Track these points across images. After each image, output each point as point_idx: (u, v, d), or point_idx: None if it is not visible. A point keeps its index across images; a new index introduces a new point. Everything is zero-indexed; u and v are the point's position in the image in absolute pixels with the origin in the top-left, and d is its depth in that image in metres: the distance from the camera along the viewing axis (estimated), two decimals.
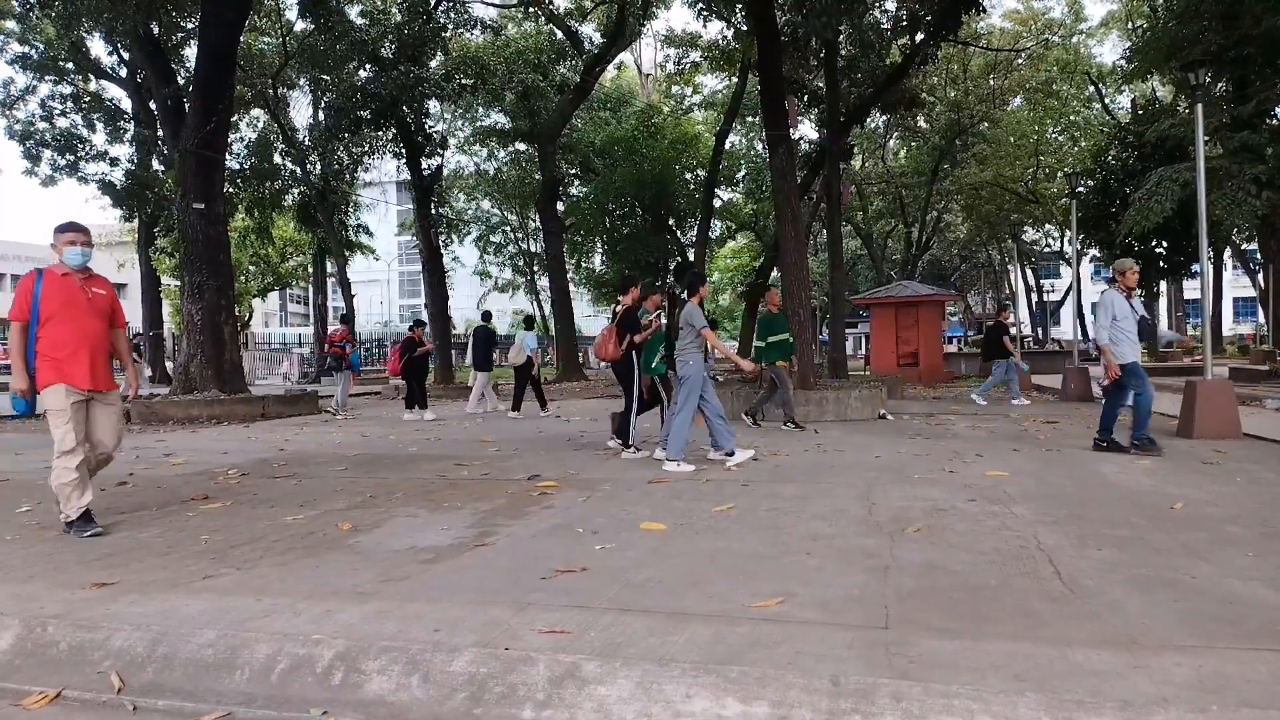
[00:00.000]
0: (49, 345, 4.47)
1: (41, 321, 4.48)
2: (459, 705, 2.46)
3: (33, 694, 2.67)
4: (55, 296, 4.52)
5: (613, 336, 7.42)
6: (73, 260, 4.62)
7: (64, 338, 4.49)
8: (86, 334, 4.56)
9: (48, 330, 4.48)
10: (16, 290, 4.53)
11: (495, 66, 22.72)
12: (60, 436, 4.43)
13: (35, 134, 24.61)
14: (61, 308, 4.51)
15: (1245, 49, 16.03)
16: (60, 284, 4.56)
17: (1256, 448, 7.34)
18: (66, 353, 4.48)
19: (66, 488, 4.45)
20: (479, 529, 4.50)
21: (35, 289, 4.51)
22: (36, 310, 4.49)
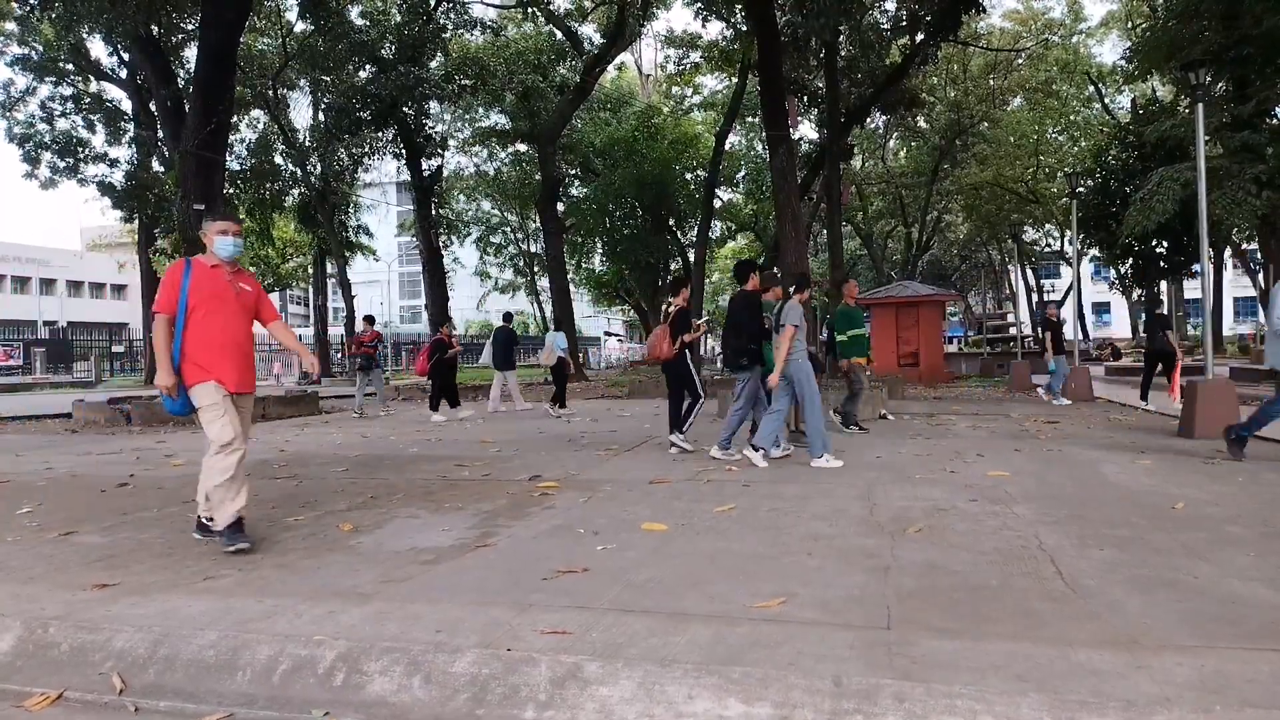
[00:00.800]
0: (195, 343, 4.12)
1: (187, 315, 4.12)
2: (461, 706, 2.46)
3: (34, 695, 2.67)
4: (203, 289, 4.16)
5: (666, 337, 7.61)
6: (224, 252, 4.27)
7: (210, 335, 4.14)
8: (234, 332, 4.22)
9: (193, 326, 4.12)
10: (163, 280, 4.20)
11: (495, 67, 22.74)
12: (218, 430, 4.07)
13: (35, 136, 24.62)
14: (209, 302, 4.16)
15: (1245, 49, 16.04)
16: (209, 276, 4.20)
17: (1257, 448, 7.33)
18: (212, 351, 4.14)
19: (221, 490, 4.06)
20: (480, 530, 4.50)
21: (183, 280, 4.14)
22: (184, 303, 4.12)
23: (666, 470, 6.57)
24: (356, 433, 10.50)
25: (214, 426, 4.09)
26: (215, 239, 4.27)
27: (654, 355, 7.82)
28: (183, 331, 4.11)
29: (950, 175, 31.54)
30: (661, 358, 7.71)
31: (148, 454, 8.50)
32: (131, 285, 48.25)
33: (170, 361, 4.09)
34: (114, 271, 54.30)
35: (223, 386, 4.14)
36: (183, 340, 4.11)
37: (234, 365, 4.19)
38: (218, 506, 4.09)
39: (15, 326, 46.87)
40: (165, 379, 4.08)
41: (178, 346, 4.10)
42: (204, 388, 4.12)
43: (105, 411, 12.74)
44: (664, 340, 7.59)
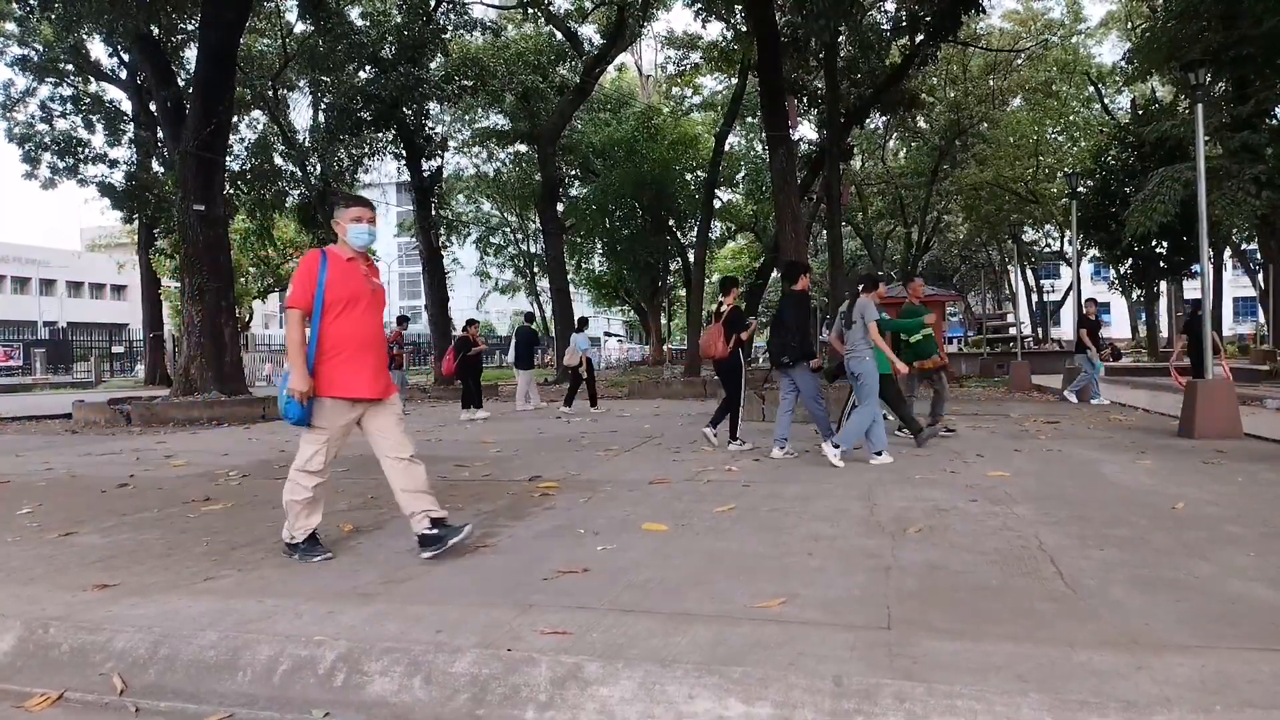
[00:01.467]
0: (331, 344, 3.74)
1: (322, 313, 3.74)
2: (461, 706, 2.46)
3: (35, 696, 2.67)
4: (341, 284, 3.76)
5: (720, 336, 7.73)
6: (359, 241, 3.87)
7: (348, 335, 3.75)
8: (372, 331, 3.86)
9: (330, 325, 3.74)
10: (297, 272, 3.80)
11: (495, 68, 22.73)
12: (309, 455, 3.79)
13: (35, 136, 24.61)
14: (346, 297, 3.77)
15: (1245, 49, 16.03)
16: (345, 269, 3.81)
17: (1257, 447, 7.34)
18: (350, 354, 3.76)
19: (297, 505, 3.83)
20: (480, 530, 4.50)
21: (320, 272, 3.75)
22: (321, 298, 3.73)
23: (666, 470, 6.57)
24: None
25: (309, 449, 3.80)
26: (349, 227, 3.86)
27: (707, 354, 7.95)
28: (316, 331, 3.74)
29: (950, 176, 31.55)
30: (715, 356, 7.85)
31: (147, 454, 8.50)
32: (131, 286, 48.23)
33: (305, 363, 3.70)
34: (114, 272, 54.24)
35: (359, 398, 3.80)
36: (316, 341, 3.74)
37: (375, 369, 3.85)
38: (292, 519, 3.87)
39: (15, 327, 46.88)
40: (300, 382, 3.68)
41: (312, 347, 3.74)
42: (329, 406, 3.77)
43: (105, 412, 12.74)
44: (718, 339, 7.73)
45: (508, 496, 5.54)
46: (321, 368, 3.74)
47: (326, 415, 3.79)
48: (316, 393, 3.74)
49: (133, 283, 42.51)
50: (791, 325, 7.12)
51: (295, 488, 3.84)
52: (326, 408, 3.77)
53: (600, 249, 32.19)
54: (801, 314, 7.27)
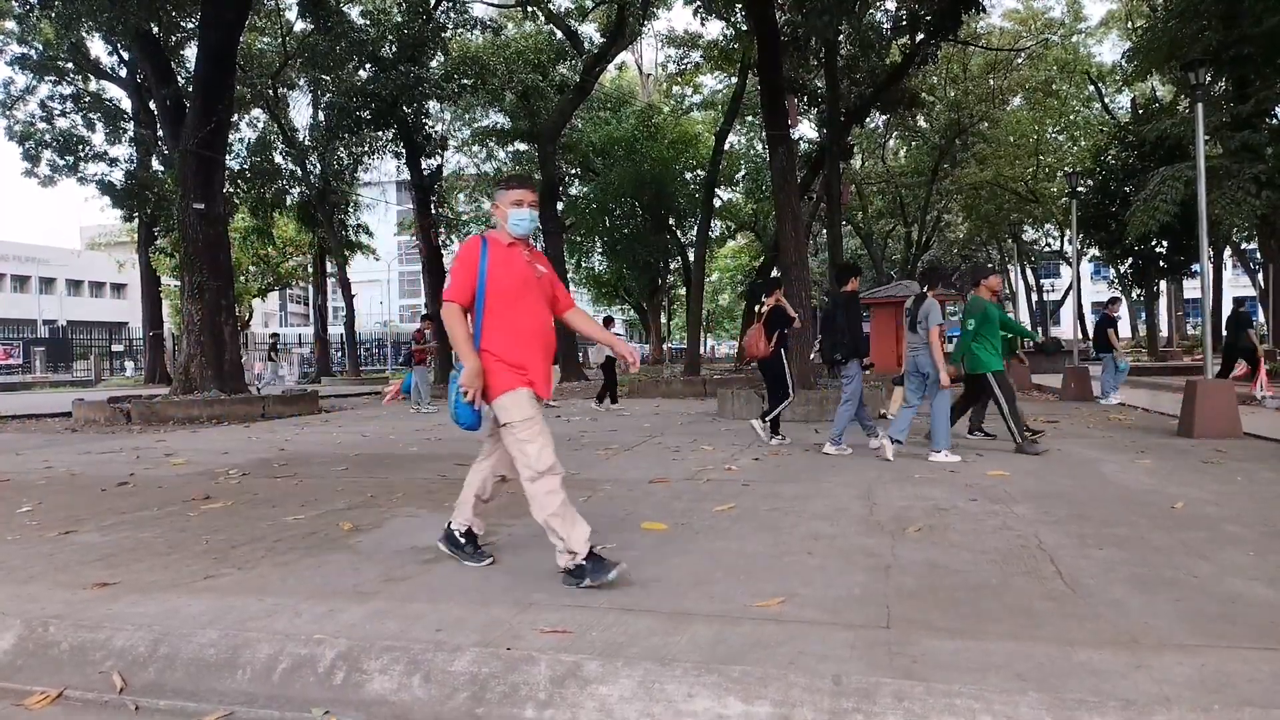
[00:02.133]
0: (498, 340, 3.39)
1: (486, 306, 3.40)
2: (461, 705, 2.47)
3: (35, 694, 2.67)
4: (505, 273, 3.42)
5: (762, 336, 7.96)
6: (520, 228, 3.52)
7: (517, 331, 3.41)
8: (540, 327, 3.50)
9: (494, 319, 3.40)
10: (455, 262, 3.49)
11: (495, 66, 22.71)
12: (536, 452, 3.32)
13: (35, 134, 24.61)
14: (512, 289, 3.42)
15: (1245, 48, 16.03)
16: (507, 257, 3.46)
17: (1257, 447, 7.34)
18: (520, 352, 3.41)
19: (557, 518, 3.33)
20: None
21: (481, 261, 3.42)
22: (483, 290, 3.39)
23: (666, 470, 6.58)
24: (356, 431, 10.50)
25: (532, 446, 3.33)
26: (509, 211, 3.51)
27: (751, 354, 8.19)
28: (480, 325, 3.40)
29: (950, 175, 31.55)
30: (758, 356, 8.06)
31: (147, 453, 8.50)
32: (131, 284, 48.24)
33: (475, 357, 3.35)
34: (113, 271, 54.22)
35: (535, 393, 3.42)
36: (480, 336, 3.40)
37: (544, 368, 3.48)
38: (566, 535, 3.34)
39: (15, 325, 46.86)
40: (474, 378, 3.32)
41: (476, 345, 3.40)
42: (516, 396, 3.36)
43: (105, 410, 12.74)
44: (760, 339, 7.97)
45: (507, 495, 5.54)
46: (494, 364, 3.38)
47: (519, 405, 3.36)
48: (494, 391, 3.36)
49: (133, 281, 42.52)
50: (843, 324, 7.45)
51: (545, 498, 3.33)
52: (516, 399, 3.37)
53: (600, 248, 32.17)
54: (853, 313, 7.60)
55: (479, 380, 3.35)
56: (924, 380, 6.94)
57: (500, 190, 3.59)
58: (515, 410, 3.35)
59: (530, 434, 3.34)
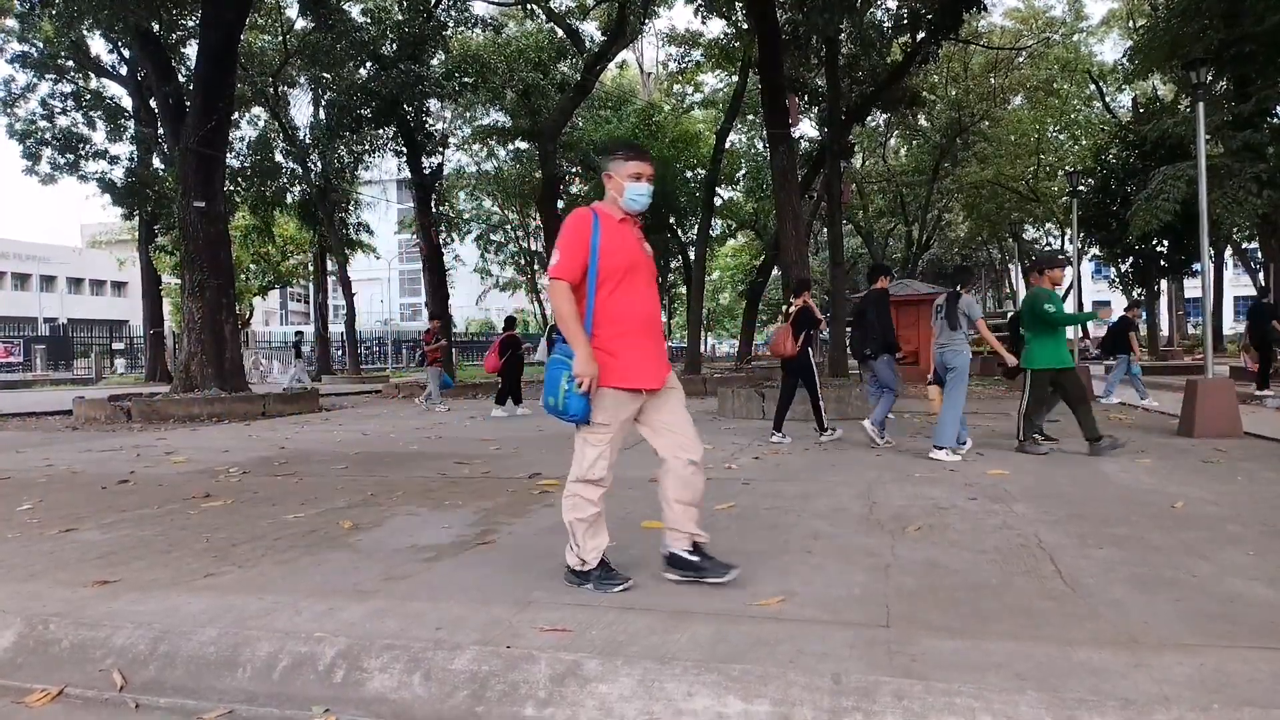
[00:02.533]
0: (609, 322, 3.13)
1: (596, 285, 3.12)
2: (461, 703, 2.47)
3: (35, 692, 2.68)
4: (617, 249, 3.13)
5: (789, 335, 8.14)
6: (639, 202, 3.24)
7: (628, 312, 3.14)
8: (653, 311, 3.26)
9: (606, 299, 3.13)
10: (563, 234, 3.14)
11: (496, 65, 22.70)
12: (591, 460, 3.16)
13: (35, 132, 24.62)
14: (623, 269, 3.14)
15: (1246, 47, 16.02)
16: (619, 233, 3.18)
17: (1257, 446, 7.34)
18: (632, 337, 3.14)
19: (582, 523, 3.24)
20: (480, 527, 4.51)
21: (593, 236, 3.11)
22: (595, 268, 3.11)
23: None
24: (357, 430, 10.51)
25: (590, 451, 3.16)
26: (627, 185, 3.21)
27: (777, 353, 8.36)
28: (591, 308, 3.13)
29: (951, 174, 31.53)
30: (785, 355, 8.24)
31: (148, 451, 8.51)
32: (132, 282, 48.27)
33: (587, 341, 3.08)
34: (114, 269, 54.31)
35: (642, 389, 3.19)
36: (591, 319, 3.13)
37: (657, 353, 3.23)
38: (579, 542, 3.25)
39: (15, 323, 46.89)
40: (587, 365, 3.03)
41: (587, 327, 3.13)
42: (610, 398, 3.13)
43: (105, 408, 12.75)
44: (787, 339, 8.15)
45: (507, 494, 5.55)
46: (596, 353, 3.09)
47: (609, 409, 3.13)
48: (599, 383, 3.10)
49: (133, 279, 42.56)
50: (873, 320, 7.74)
51: (578, 502, 3.22)
52: (608, 400, 3.12)
53: None
54: (882, 310, 7.83)
55: (594, 366, 3.04)
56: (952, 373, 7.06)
57: (615, 160, 3.24)
58: (604, 411, 3.13)
59: (599, 441, 3.16)
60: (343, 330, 34.04)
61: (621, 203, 3.23)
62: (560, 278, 3.10)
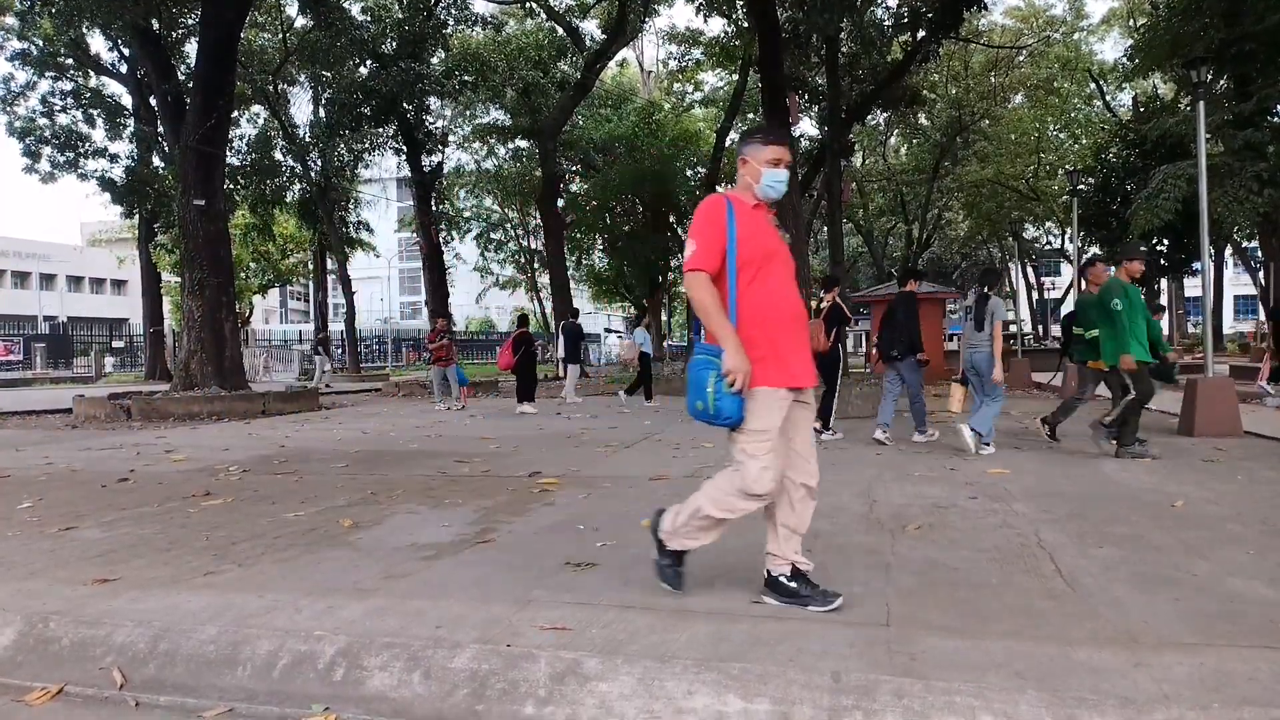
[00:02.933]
0: (753, 317, 2.88)
1: (736, 276, 2.89)
2: (460, 702, 2.47)
3: (35, 690, 2.68)
4: (754, 237, 2.90)
5: (822, 330, 8.31)
6: (777, 190, 3.00)
7: (774, 304, 2.90)
8: (796, 304, 2.98)
9: (745, 295, 2.89)
10: (698, 223, 2.91)
11: (496, 63, 22.71)
12: (757, 471, 2.83)
13: (35, 131, 24.61)
14: (762, 255, 2.91)
15: (1247, 46, 16.02)
16: (753, 219, 2.95)
17: (1257, 446, 7.34)
18: (781, 330, 2.90)
19: (709, 520, 2.98)
20: (480, 526, 4.51)
21: (729, 224, 2.88)
22: (733, 256, 2.87)
23: (667, 467, 6.58)
24: (356, 428, 10.51)
25: (754, 463, 2.84)
26: (765, 170, 2.98)
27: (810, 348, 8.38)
28: (733, 299, 2.89)
29: (951, 172, 31.53)
30: (817, 350, 8.41)
31: (148, 449, 8.51)
32: (132, 281, 48.26)
33: (735, 334, 2.82)
34: (114, 267, 54.33)
35: (796, 388, 2.94)
36: (734, 312, 2.88)
37: (805, 349, 2.99)
38: (683, 528, 3.02)
39: (15, 321, 46.90)
40: (739, 359, 2.77)
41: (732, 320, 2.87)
42: (771, 397, 2.85)
43: (105, 407, 12.75)
44: (819, 334, 8.32)
45: (507, 492, 5.55)
46: (749, 350, 2.84)
47: (766, 410, 2.84)
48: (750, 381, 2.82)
49: (133, 278, 42.54)
50: (902, 322, 7.91)
51: (729, 506, 2.94)
52: (763, 400, 2.84)
53: (600, 245, 32.16)
54: (911, 312, 8.03)
55: (746, 361, 2.78)
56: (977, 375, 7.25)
57: (753, 144, 3.01)
58: (759, 415, 2.83)
59: (761, 449, 2.83)
60: (343, 329, 34.05)
61: (758, 189, 3.00)
62: (699, 268, 2.87)
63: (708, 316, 2.84)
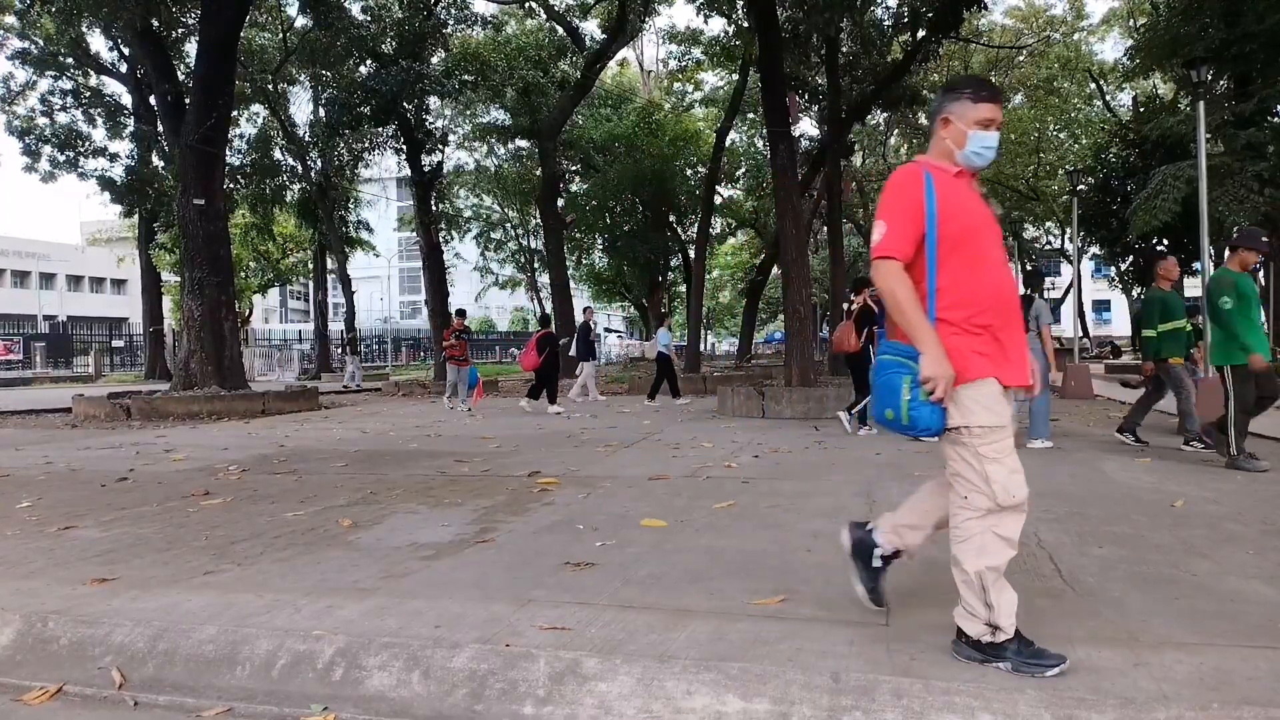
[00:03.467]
0: (958, 309, 2.45)
1: (938, 261, 2.46)
2: (460, 701, 2.47)
3: (34, 689, 2.67)
4: (960, 212, 2.47)
5: (852, 331, 8.56)
6: (986, 156, 2.54)
7: (981, 293, 2.46)
8: (1009, 286, 2.54)
9: (949, 279, 2.46)
10: (889, 199, 2.51)
11: (496, 63, 22.70)
12: (1004, 477, 2.39)
13: (35, 130, 24.61)
14: (969, 235, 2.47)
15: (1247, 46, 16.03)
16: (956, 189, 2.51)
17: (1256, 446, 7.33)
18: (1000, 319, 2.47)
19: (993, 573, 2.42)
20: (479, 525, 4.50)
21: (928, 199, 2.45)
22: (934, 236, 2.44)
23: (666, 466, 6.58)
24: (356, 428, 10.50)
25: (998, 469, 2.40)
26: (972, 132, 2.51)
27: (840, 348, 8.84)
28: (933, 287, 2.46)
29: None
30: (848, 350, 8.69)
31: (147, 449, 8.50)
32: (131, 280, 48.26)
33: (935, 335, 2.41)
34: (114, 266, 54.36)
35: (1015, 385, 2.52)
36: (935, 303, 2.46)
37: (1021, 341, 2.55)
38: (991, 598, 2.42)
39: (15, 321, 46.90)
40: (941, 365, 2.36)
41: (931, 313, 2.45)
42: (985, 390, 2.42)
43: (105, 406, 12.75)
44: (850, 334, 8.58)
45: (506, 492, 5.55)
46: (955, 341, 2.43)
47: (991, 400, 2.42)
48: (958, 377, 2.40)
49: (133, 277, 42.54)
50: None
51: (990, 542, 2.42)
52: (986, 395, 2.42)
53: (600, 244, 32.16)
54: None
55: (949, 366, 2.37)
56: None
57: (961, 100, 2.53)
58: (981, 411, 2.40)
59: (999, 449, 2.40)
60: (342, 328, 34.04)
61: (961, 155, 2.54)
62: (889, 255, 2.44)
63: (900, 312, 2.44)
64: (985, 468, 2.41)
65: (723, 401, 11.85)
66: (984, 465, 2.41)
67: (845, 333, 8.65)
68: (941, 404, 2.40)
